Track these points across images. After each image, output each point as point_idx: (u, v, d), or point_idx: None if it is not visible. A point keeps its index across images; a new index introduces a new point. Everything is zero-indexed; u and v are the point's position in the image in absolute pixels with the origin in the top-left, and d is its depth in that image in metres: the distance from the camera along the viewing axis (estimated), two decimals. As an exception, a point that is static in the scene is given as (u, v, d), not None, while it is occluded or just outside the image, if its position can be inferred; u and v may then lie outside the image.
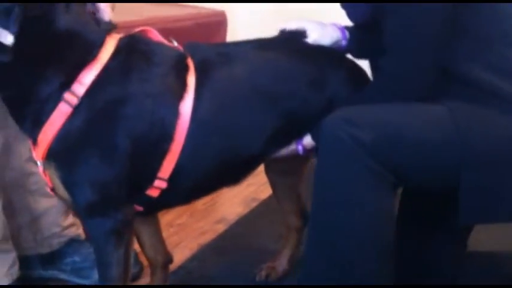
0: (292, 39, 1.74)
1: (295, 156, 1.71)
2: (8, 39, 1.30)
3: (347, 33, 1.75)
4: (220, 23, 2.76)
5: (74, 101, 1.41)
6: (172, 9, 2.68)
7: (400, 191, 1.71)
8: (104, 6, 1.55)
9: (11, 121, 1.74)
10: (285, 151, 1.68)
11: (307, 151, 1.68)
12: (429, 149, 1.48)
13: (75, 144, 1.43)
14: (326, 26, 1.75)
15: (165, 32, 2.17)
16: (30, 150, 1.81)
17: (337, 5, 1.72)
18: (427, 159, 1.50)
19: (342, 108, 1.53)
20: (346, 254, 1.47)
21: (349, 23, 1.76)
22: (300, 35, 1.74)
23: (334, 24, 1.76)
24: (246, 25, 3.68)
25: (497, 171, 1.48)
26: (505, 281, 1.82)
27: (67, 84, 1.41)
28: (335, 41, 1.74)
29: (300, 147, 1.67)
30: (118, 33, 1.54)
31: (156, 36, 1.61)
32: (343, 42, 1.75)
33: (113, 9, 1.60)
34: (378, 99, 1.53)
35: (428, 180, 1.54)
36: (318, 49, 1.73)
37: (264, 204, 2.54)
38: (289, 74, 1.63)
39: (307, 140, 1.66)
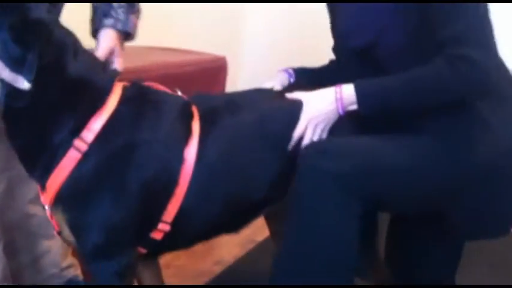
0: (295, 87, 1.80)
1: None
2: (25, 85, 1.36)
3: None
4: (220, 68, 2.82)
5: (84, 147, 1.45)
6: (173, 55, 2.74)
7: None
8: (119, 58, 1.62)
9: (14, 164, 1.79)
10: None
11: None
12: (406, 177, 1.56)
13: (84, 189, 1.46)
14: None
15: (167, 77, 2.24)
16: (32, 192, 1.87)
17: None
18: (405, 188, 1.57)
19: (320, 140, 1.60)
20: (313, 276, 1.55)
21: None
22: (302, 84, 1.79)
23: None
24: (246, 70, 3.76)
25: (485, 192, 1.57)
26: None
27: (77, 130, 1.45)
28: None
29: None
30: (120, 78, 1.59)
31: (160, 88, 1.66)
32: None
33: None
34: (440, 85, 1.54)
35: (409, 206, 1.62)
36: None
37: (261, 246, 2.57)
38: (293, 119, 1.65)
39: None
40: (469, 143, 1.56)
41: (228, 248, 2.58)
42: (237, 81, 3.36)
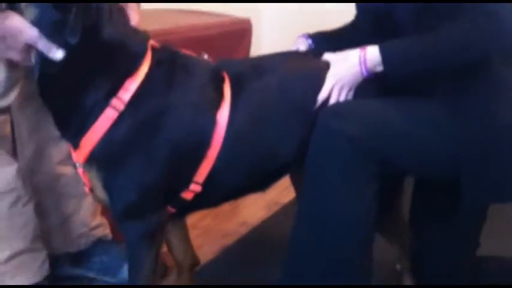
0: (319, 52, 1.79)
1: None
2: (58, 55, 1.40)
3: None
4: (245, 30, 2.80)
5: (121, 107, 1.47)
6: (197, 18, 2.73)
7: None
8: (132, 11, 1.62)
9: (42, 126, 1.83)
10: None
11: None
12: (417, 141, 1.56)
13: (119, 148, 1.49)
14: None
15: (191, 41, 2.23)
16: (60, 154, 1.90)
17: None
18: (416, 151, 1.57)
19: (337, 102, 1.62)
20: (330, 236, 1.57)
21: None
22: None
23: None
24: (270, 32, 3.75)
25: (499, 154, 1.56)
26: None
27: (113, 91, 1.47)
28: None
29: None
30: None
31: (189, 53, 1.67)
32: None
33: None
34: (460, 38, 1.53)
35: (426, 170, 1.62)
36: None
37: (286, 208, 2.58)
38: (317, 82, 1.66)
39: None
40: (487, 106, 1.55)
41: (254, 210, 2.61)
42: (261, 44, 3.36)
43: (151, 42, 1.58)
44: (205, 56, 1.72)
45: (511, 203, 1.69)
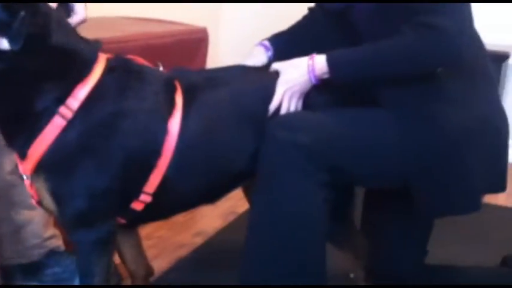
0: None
1: None
2: (3, 44, 1.36)
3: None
4: (201, 39, 2.80)
5: (69, 115, 1.45)
6: (154, 26, 2.72)
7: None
8: (78, 7, 1.62)
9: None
10: None
11: None
12: (366, 148, 1.60)
13: (68, 156, 1.47)
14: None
15: (147, 49, 2.22)
16: (12, 163, 1.86)
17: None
18: (365, 158, 1.61)
19: (286, 113, 1.65)
20: (282, 243, 1.59)
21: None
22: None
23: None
24: (228, 41, 3.75)
25: (446, 166, 1.60)
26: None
27: (62, 98, 1.45)
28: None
29: None
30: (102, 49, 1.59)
31: (143, 62, 1.66)
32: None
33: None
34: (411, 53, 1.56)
35: (375, 180, 1.66)
36: None
37: (242, 218, 2.56)
38: (269, 93, 1.68)
39: None
40: (430, 117, 1.59)
41: (209, 220, 2.60)
42: (218, 53, 3.36)
43: (105, 53, 1.56)
44: (161, 68, 1.71)
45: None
